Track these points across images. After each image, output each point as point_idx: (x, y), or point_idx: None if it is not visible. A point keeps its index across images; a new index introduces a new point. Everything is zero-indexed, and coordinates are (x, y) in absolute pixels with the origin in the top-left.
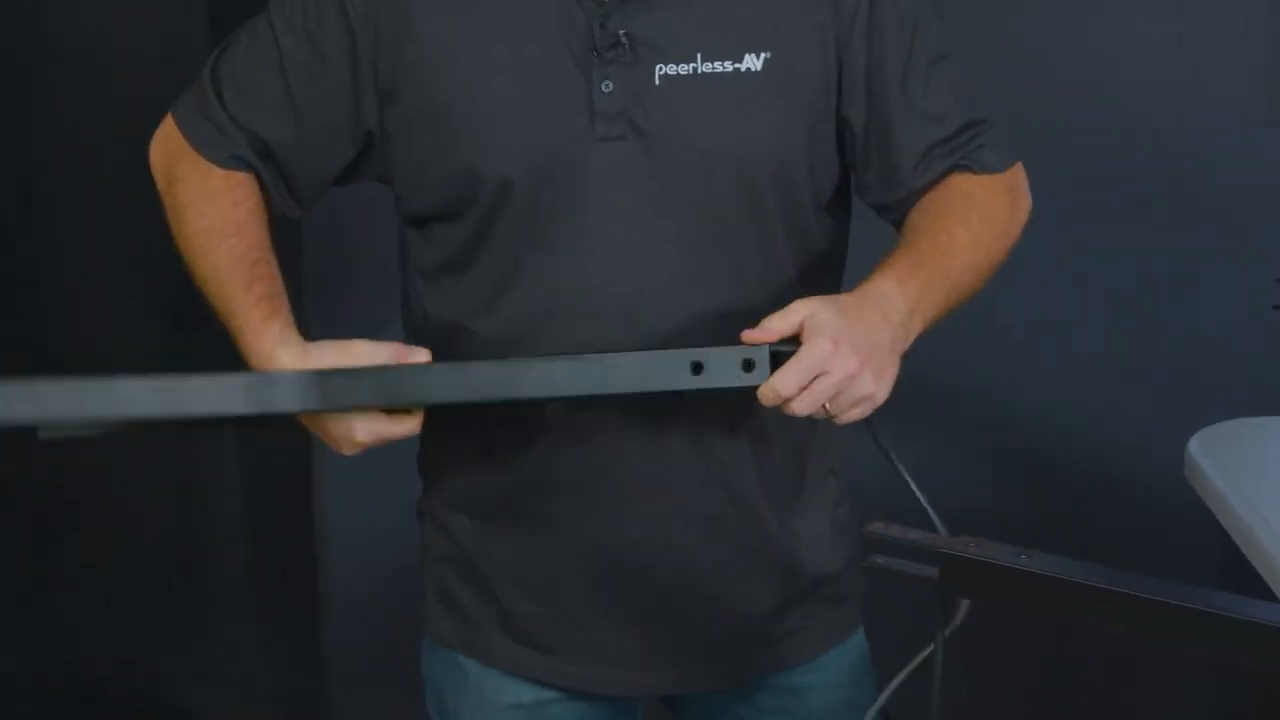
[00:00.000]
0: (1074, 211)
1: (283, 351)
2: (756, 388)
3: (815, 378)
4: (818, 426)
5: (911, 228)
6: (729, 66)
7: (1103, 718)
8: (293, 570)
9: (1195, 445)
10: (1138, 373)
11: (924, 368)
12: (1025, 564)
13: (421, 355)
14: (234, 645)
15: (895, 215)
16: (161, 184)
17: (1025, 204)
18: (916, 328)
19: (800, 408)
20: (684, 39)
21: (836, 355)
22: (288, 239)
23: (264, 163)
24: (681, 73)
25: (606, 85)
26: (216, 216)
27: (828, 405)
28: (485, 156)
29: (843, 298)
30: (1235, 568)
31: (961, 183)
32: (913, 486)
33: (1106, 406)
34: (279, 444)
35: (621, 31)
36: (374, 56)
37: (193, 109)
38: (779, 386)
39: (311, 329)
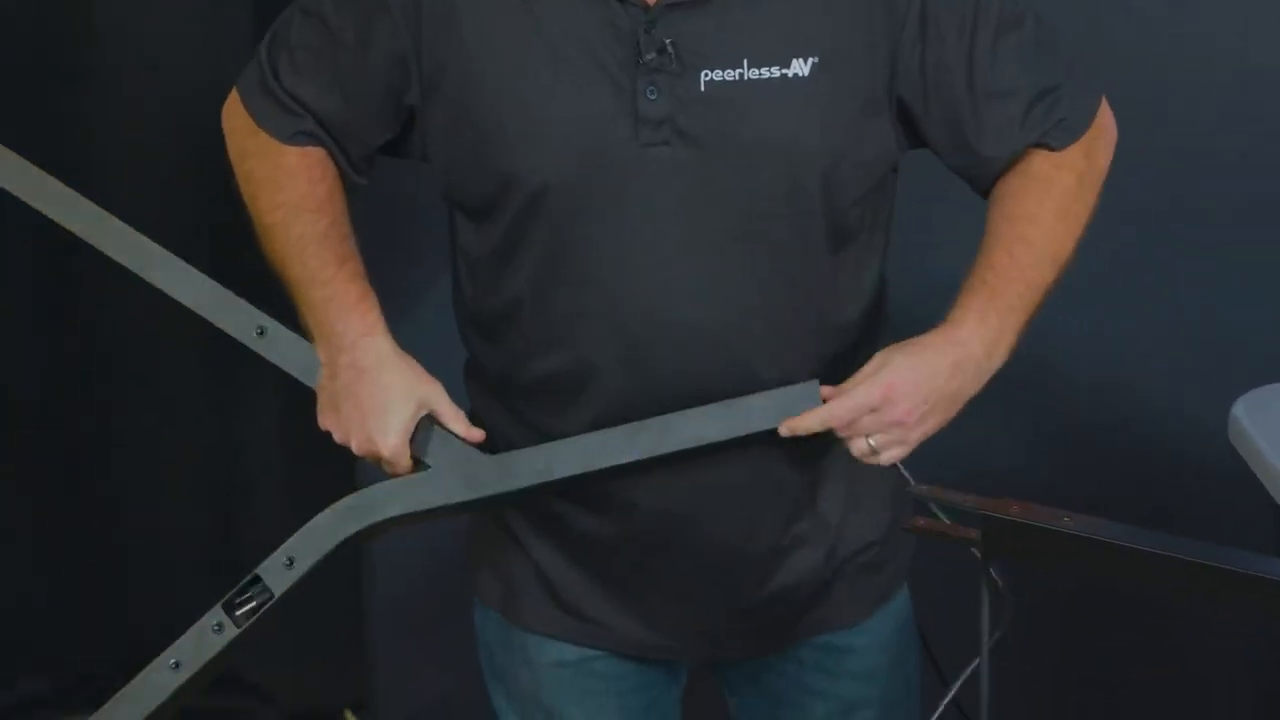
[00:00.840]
0: (1120, 174)
1: (388, 349)
2: None
3: (863, 414)
4: None
5: (990, 232)
6: (776, 72)
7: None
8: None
9: (1240, 409)
10: (1183, 337)
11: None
12: (1067, 526)
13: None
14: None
15: (981, 186)
16: (234, 156)
17: (1102, 160)
18: (997, 364)
19: (845, 435)
20: (730, 45)
21: (889, 400)
22: None
23: (327, 136)
24: (728, 79)
25: (651, 92)
26: (295, 191)
27: (871, 441)
28: (524, 161)
29: (922, 343)
30: (1278, 531)
31: (1039, 166)
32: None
33: (1151, 371)
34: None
35: (668, 40)
36: (419, 42)
37: (254, 85)
38: (825, 414)
39: None
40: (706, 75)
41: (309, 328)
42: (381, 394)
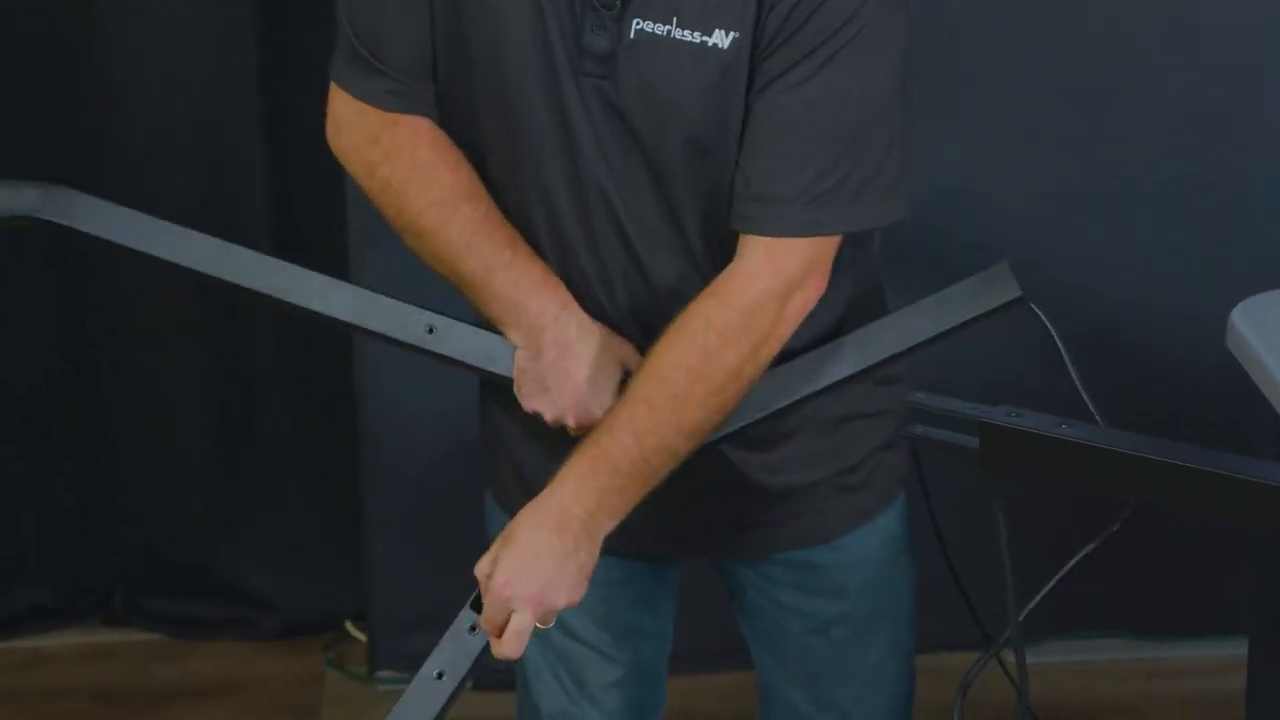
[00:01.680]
0: (1118, 93)
1: (586, 320)
2: None
3: (505, 616)
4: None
5: (632, 380)
6: (698, 38)
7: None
8: (333, 433)
9: (1238, 315)
10: (1181, 244)
11: (969, 240)
12: (1066, 433)
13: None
14: (273, 508)
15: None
16: (360, 173)
17: (765, 323)
18: (606, 524)
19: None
20: (665, 2)
21: (518, 597)
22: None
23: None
24: (657, 32)
25: (596, 27)
26: (441, 187)
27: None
28: (484, 72)
29: (522, 523)
30: (1276, 437)
31: (696, 316)
32: None
33: (1150, 278)
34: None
35: None
36: None
37: (361, 73)
38: (512, 653)
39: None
40: (638, 24)
41: (496, 315)
42: (592, 365)
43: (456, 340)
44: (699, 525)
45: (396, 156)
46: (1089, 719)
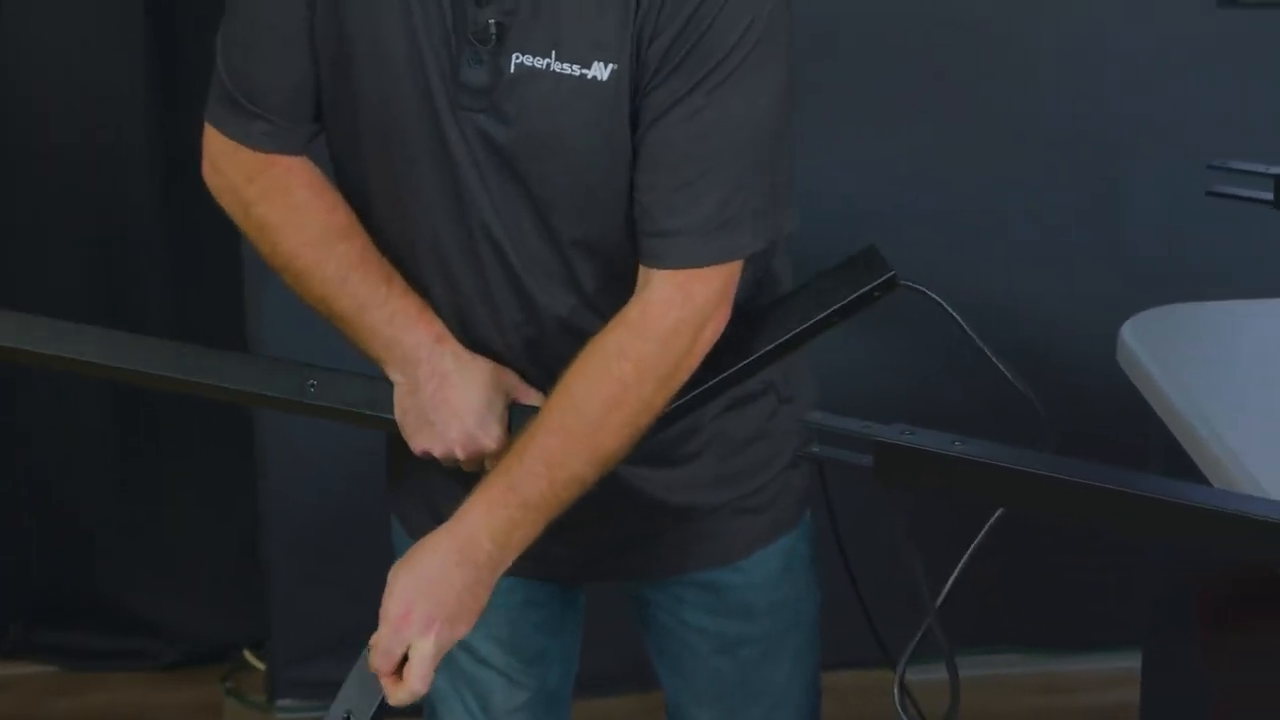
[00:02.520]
0: (1005, 101)
1: (461, 351)
2: None
3: (401, 648)
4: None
5: (543, 408)
6: (578, 70)
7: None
8: (229, 458)
9: (1128, 331)
10: (1071, 260)
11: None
12: (959, 451)
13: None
14: (169, 536)
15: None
16: (236, 211)
17: (679, 349)
18: (511, 555)
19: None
20: (543, 33)
21: (412, 624)
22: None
23: (314, 124)
24: (537, 65)
25: (472, 60)
26: (315, 227)
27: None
28: (370, 83)
29: (426, 546)
30: (1168, 452)
31: (608, 343)
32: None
33: (1040, 295)
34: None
35: (491, 20)
36: None
37: (234, 115)
38: (373, 669)
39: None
40: (518, 58)
41: (374, 353)
42: (473, 394)
43: (339, 390)
44: (607, 548)
45: (272, 196)
46: None
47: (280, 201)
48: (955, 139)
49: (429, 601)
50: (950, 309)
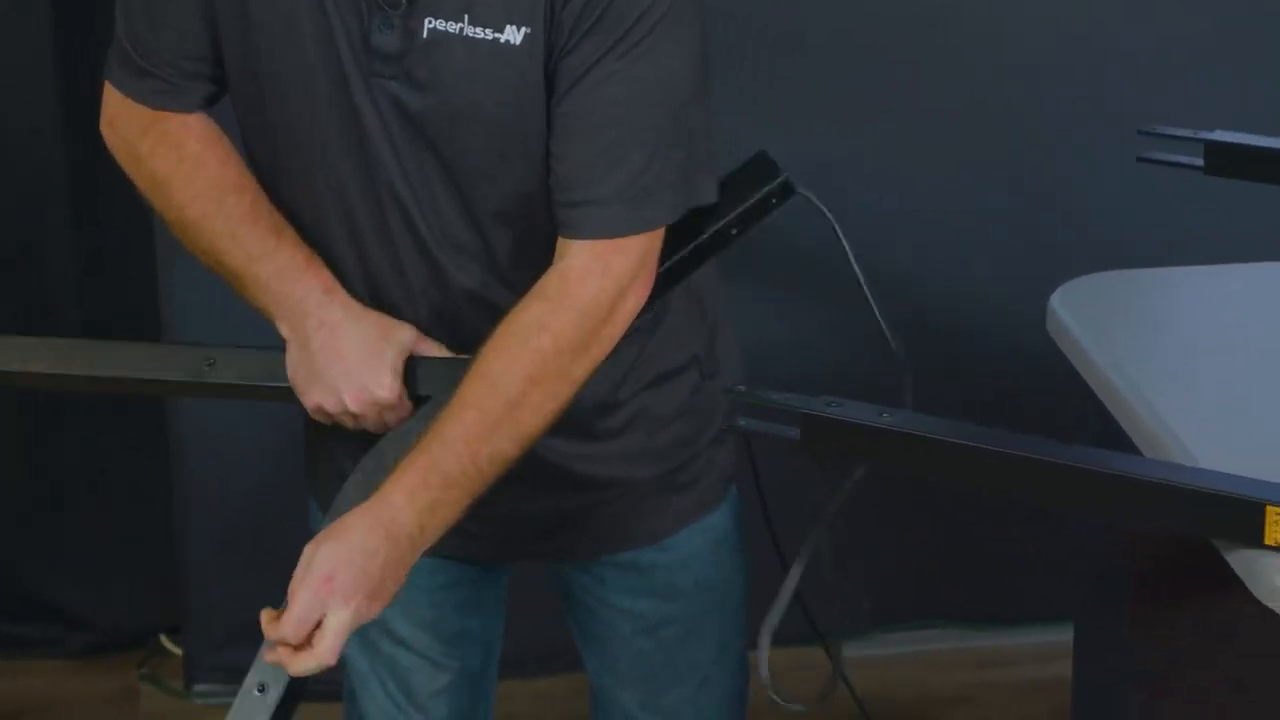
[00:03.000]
0: (933, 69)
1: (351, 301)
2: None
3: (314, 617)
4: (649, 342)
5: (461, 387)
6: (491, 34)
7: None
8: (143, 441)
9: (1057, 300)
10: (1001, 228)
11: (788, 225)
12: (885, 422)
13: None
14: (82, 520)
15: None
16: (130, 165)
17: (594, 320)
18: (432, 536)
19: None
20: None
21: (334, 593)
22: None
23: (211, 85)
24: (450, 30)
25: (384, 26)
26: (206, 180)
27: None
28: (272, 59)
29: (348, 524)
30: (1100, 423)
31: (527, 317)
32: None
33: (970, 264)
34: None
35: None
36: None
37: (131, 74)
38: (279, 638)
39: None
40: (431, 23)
41: (263, 307)
42: (363, 341)
43: (238, 365)
44: (530, 528)
45: (163, 150)
46: (921, 710)
47: (171, 155)
48: (887, 107)
49: (353, 571)
50: (835, 224)
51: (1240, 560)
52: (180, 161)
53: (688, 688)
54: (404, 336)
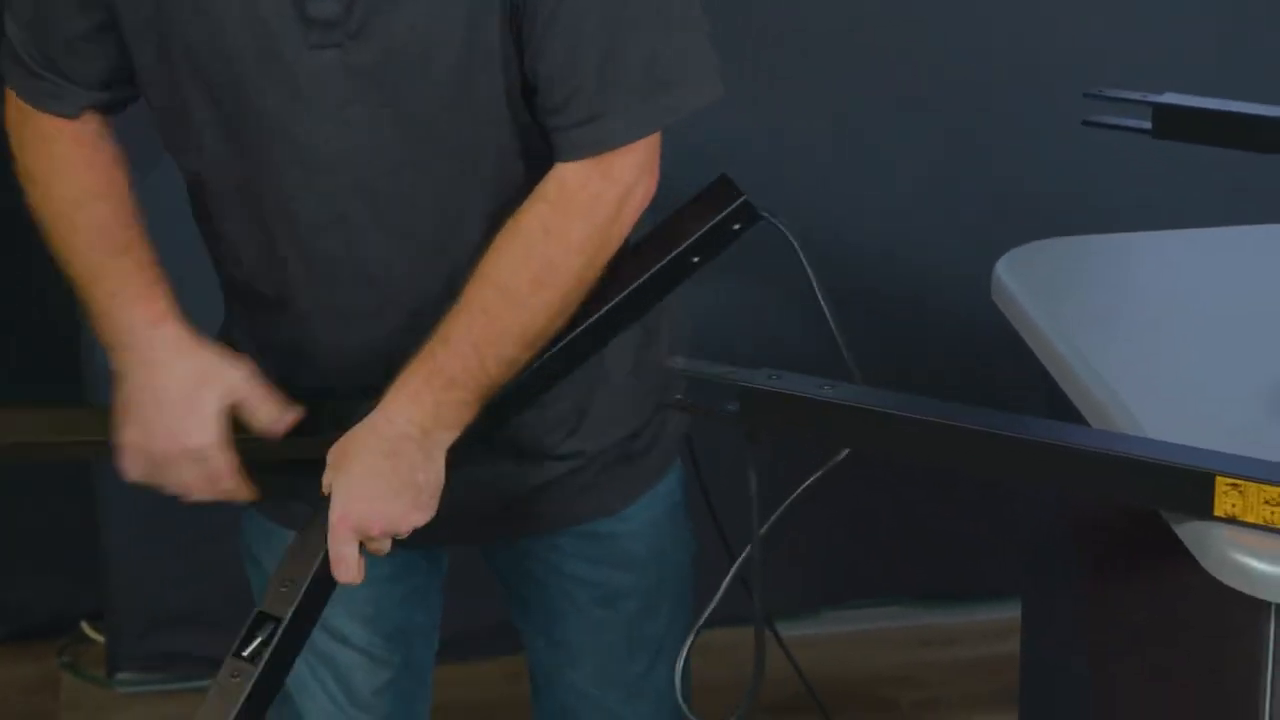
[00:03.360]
0: (876, 33)
1: (180, 335)
2: None
3: (350, 546)
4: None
5: (464, 290)
6: None
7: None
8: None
9: (1002, 267)
10: (945, 194)
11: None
12: (827, 395)
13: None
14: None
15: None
16: (15, 152)
17: (599, 217)
18: (444, 436)
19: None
20: None
21: (358, 529)
22: None
23: (103, 92)
24: None
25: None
26: (66, 184)
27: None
28: (202, 58)
29: (355, 441)
30: (1046, 392)
31: (530, 220)
32: None
33: (914, 231)
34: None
35: None
36: None
37: (20, 74)
38: (344, 577)
39: None
40: None
41: (97, 330)
42: (179, 384)
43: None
44: (491, 505)
45: (35, 144)
46: (867, 688)
47: (42, 151)
48: (825, 73)
49: (362, 502)
50: (794, 241)
51: (1189, 532)
52: (50, 159)
53: (642, 660)
54: (230, 379)
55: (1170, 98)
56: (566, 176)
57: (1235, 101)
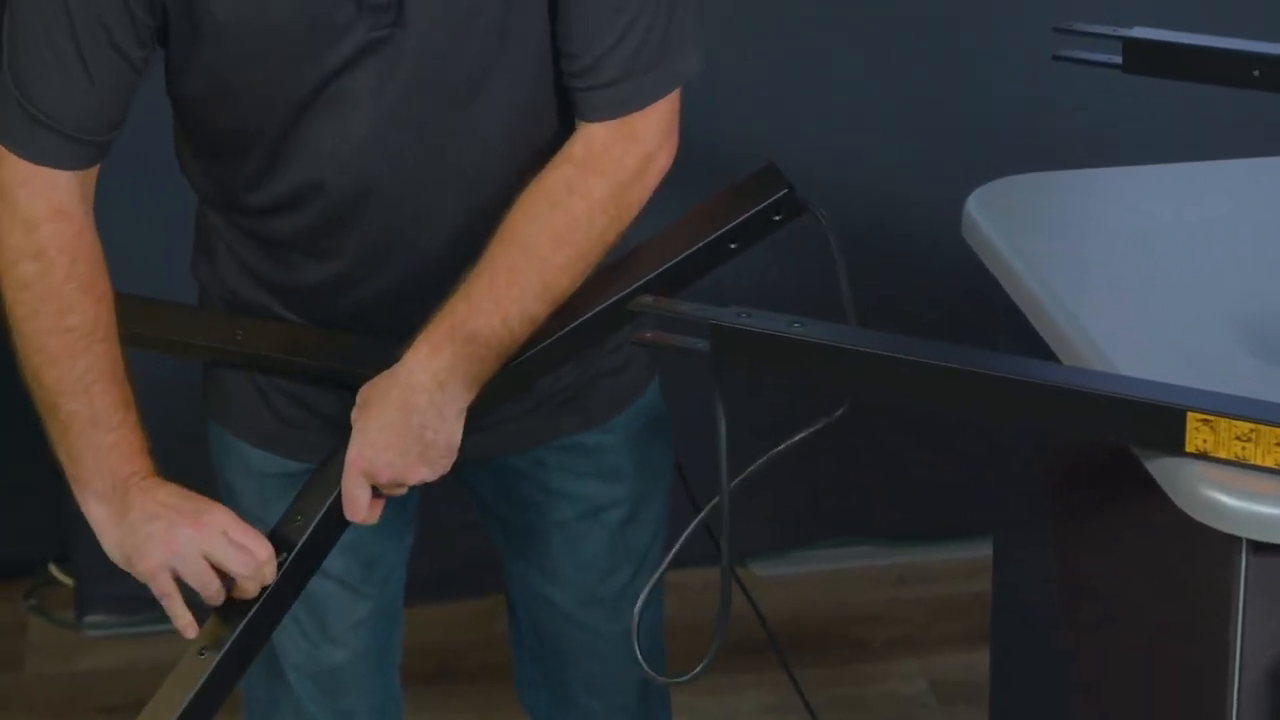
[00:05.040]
0: None
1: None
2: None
3: (364, 491)
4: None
5: (487, 247)
6: None
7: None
8: None
9: (973, 203)
10: (915, 131)
11: (705, 137)
12: (798, 333)
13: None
14: None
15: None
16: (5, 261)
17: (620, 177)
18: (460, 393)
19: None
20: None
21: (369, 474)
22: None
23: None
24: None
25: None
26: (84, 315)
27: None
28: (248, 45)
29: (374, 393)
30: (1016, 330)
31: (556, 179)
32: None
33: (883, 167)
34: None
35: None
36: None
37: (25, 127)
38: (354, 516)
39: None
40: None
41: (79, 470)
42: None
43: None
44: (472, 422)
45: (54, 259)
46: (840, 629)
47: (53, 281)
48: (793, 9)
49: (373, 450)
50: (832, 237)
51: (1161, 468)
52: (61, 286)
53: (626, 573)
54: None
55: (1140, 32)
56: (593, 137)
57: (1205, 36)
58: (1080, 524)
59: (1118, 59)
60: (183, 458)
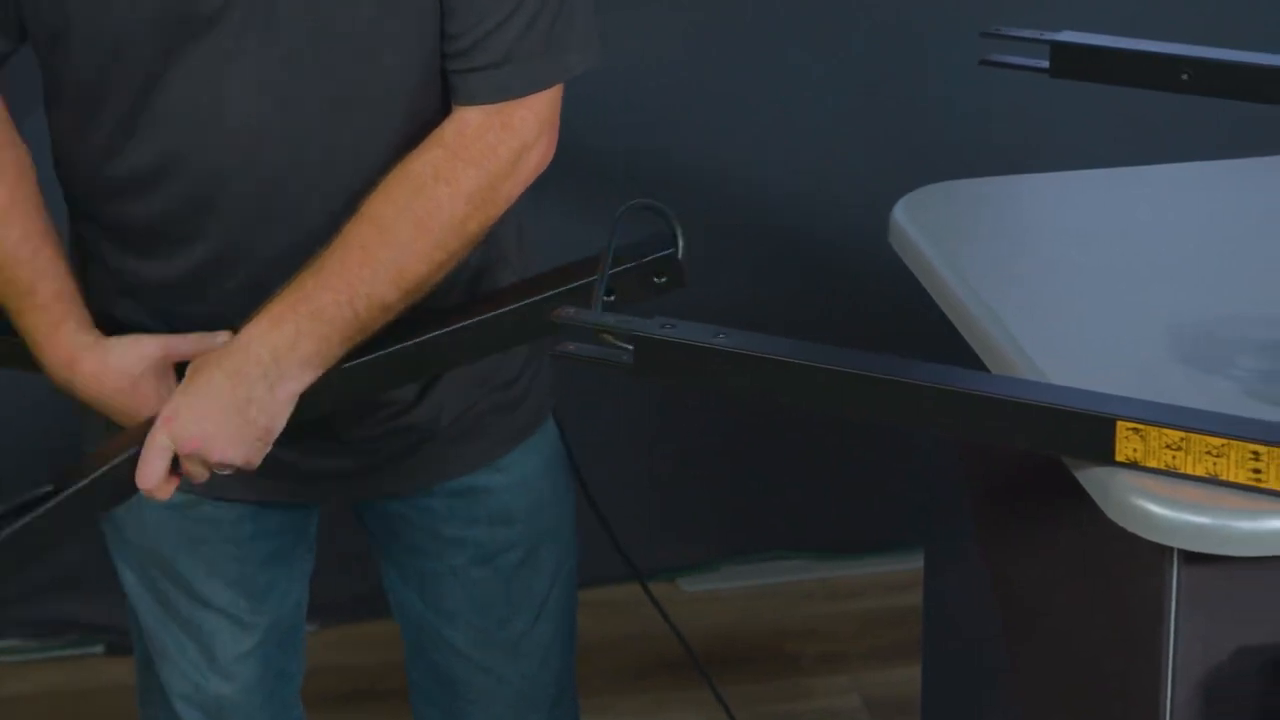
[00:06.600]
0: None
1: (84, 355)
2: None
3: (162, 459)
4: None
5: (347, 224)
6: None
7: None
8: None
9: (900, 210)
10: (843, 136)
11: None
12: (722, 344)
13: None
14: None
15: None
16: None
17: (493, 168)
18: (294, 370)
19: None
20: None
21: (177, 439)
22: None
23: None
24: None
25: None
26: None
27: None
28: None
29: (204, 361)
30: (944, 338)
31: (420, 165)
32: None
33: (810, 174)
34: None
35: None
36: None
37: None
38: (142, 482)
39: None
40: None
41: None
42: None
43: None
44: (360, 461)
45: None
46: (771, 644)
47: None
48: (724, 12)
49: (190, 413)
50: (676, 225)
51: (1091, 478)
52: None
53: (525, 619)
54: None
55: (1068, 36)
56: (466, 122)
57: (1132, 39)
58: (1011, 535)
59: (1045, 63)
60: None
